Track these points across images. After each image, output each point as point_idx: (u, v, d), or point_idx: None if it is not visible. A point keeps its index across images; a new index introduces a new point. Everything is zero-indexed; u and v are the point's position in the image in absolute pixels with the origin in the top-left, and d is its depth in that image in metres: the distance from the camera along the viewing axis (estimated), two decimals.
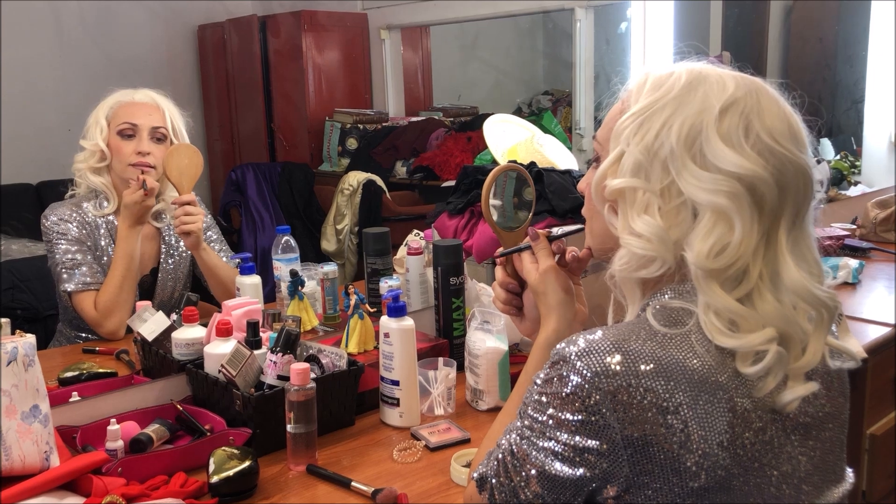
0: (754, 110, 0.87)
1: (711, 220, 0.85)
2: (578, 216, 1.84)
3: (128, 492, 1.16)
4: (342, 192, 4.03)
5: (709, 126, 0.86)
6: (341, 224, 4.07)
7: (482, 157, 3.55)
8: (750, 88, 0.89)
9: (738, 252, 0.84)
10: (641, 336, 0.85)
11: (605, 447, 0.82)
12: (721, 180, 0.85)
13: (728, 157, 0.85)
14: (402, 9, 4.46)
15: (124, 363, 1.72)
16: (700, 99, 0.88)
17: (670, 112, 0.89)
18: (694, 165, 0.86)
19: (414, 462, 1.31)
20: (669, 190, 0.88)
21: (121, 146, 1.89)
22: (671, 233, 0.87)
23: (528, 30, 5.74)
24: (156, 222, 2.00)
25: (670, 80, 0.91)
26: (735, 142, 0.86)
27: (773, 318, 0.85)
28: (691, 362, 0.83)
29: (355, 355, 1.56)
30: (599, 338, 0.85)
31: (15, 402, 1.19)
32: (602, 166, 0.95)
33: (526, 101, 5.36)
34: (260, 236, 4.27)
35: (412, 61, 4.78)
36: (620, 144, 0.92)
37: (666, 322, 0.86)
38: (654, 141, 0.88)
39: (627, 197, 0.91)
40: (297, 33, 4.44)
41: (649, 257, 0.89)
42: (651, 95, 0.91)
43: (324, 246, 4.12)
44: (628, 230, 0.90)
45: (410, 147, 4.21)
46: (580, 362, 0.83)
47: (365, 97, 4.72)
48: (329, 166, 4.50)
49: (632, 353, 0.83)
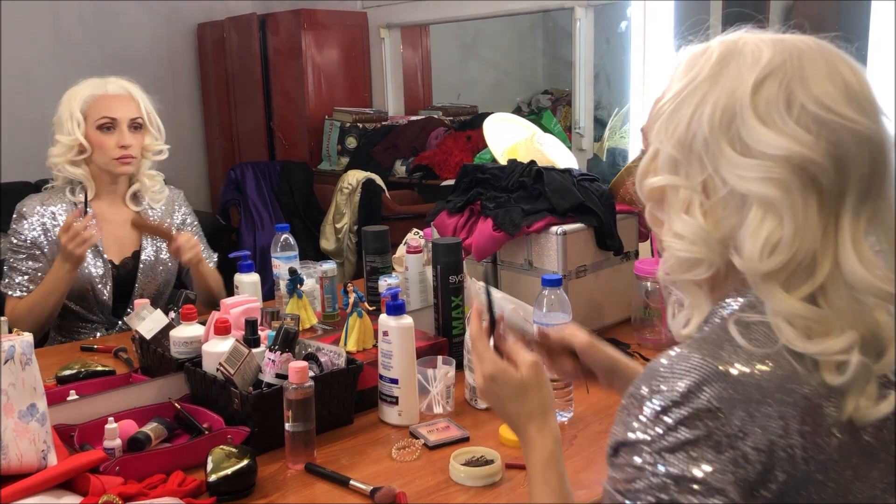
0: (796, 77, 0.76)
1: (759, 213, 0.75)
2: (578, 215, 1.85)
3: (125, 490, 1.15)
4: (341, 190, 4.03)
5: (744, 105, 0.76)
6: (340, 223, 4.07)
7: (482, 155, 3.55)
8: (791, 52, 0.77)
9: (793, 246, 0.74)
10: (741, 358, 0.75)
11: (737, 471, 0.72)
12: (763, 166, 0.75)
13: (767, 139, 0.75)
14: (401, 7, 4.46)
15: (122, 361, 1.71)
16: (733, 75, 0.78)
17: (701, 96, 0.79)
18: (733, 152, 0.77)
19: (413, 460, 1.31)
20: (710, 184, 0.79)
21: (102, 140, 1.92)
22: (715, 232, 0.79)
23: (527, 29, 5.74)
24: (133, 206, 2.03)
25: (703, 57, 0.81)
26: (775, 119, 0.75)
27: (849, 317, 0.75)
28: (793, 385, 0.74)
29: (354, 353, 1.55)
30: (708, 372, 0.74)
31: (12, 401, 1.19)
32: (641, 165, 0.87)
33: (526, 100, 5.37)
34: (259, 234, 4.26)
35: (412, 60, 4.77)
36: (653, 140, 0.84)
37: (757, 342, 0.76)
38: (687, 131, 0.80)
39: (668, 196, 0.83)
40: (297, 32, 4.44)
41: (694, 259, 0.81)
42: (683, 78, 0.82)
43: (323, 245, 4.11)
44: (671, 232, 0.83)
45: (410, 146, 4.21)
46: (704, 394, 0.72)
47: (364, 96, 4.72)
48: (328, 165, 4.49)
49: (737, 380, 0.73)
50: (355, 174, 4.03)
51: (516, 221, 1.81)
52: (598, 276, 1.88)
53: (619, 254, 1.91)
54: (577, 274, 1.83)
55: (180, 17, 4.89)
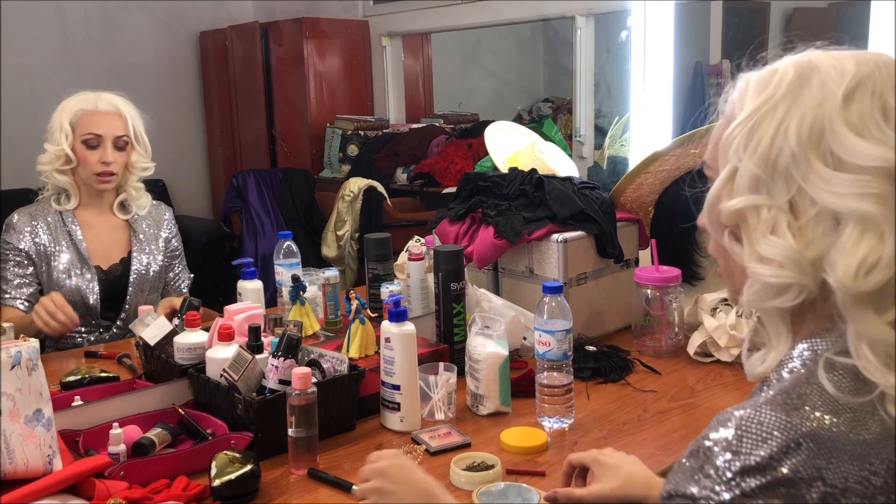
0: (888, 85, 0.73)
1: (856, 230, 0.71)
2: (579, 223, 1.87)
3: (130, 495, 1.16)
4: (343, 198, 4.04)
5: (834, 118, 0.73)
6: (342, 230, 4.08)
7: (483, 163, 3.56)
8: (877, 63, 0.75)
9: (892, 266, 0.70)
10: (828, 409, 0.70)
11: None
12: (860, 181, 0.71)
13: (865, 151, 0.71)
14: (403, 16, 4.48)
15: (126, 367, 1.72)
16: (817, 89, 0.75)
17: (784, 111, 0.75)
18: (824, 167, 0.72)
19: None
20: (798, 201, 0.74)
21: (86, 155, 1.97)
22: (808, 253, 0.73)
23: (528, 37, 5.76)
24: (122, 214, 2.08)
25: (776, 77, 0.78)
26: (872, 129, 0.72)
27: None
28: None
29: (356, 360, 1.56)
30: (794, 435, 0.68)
31: (18, 406, 1.20)
32: (714, 188, 0.82)
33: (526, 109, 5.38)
34: (261, 242, 4.28)
35: (413, 68, 4.79)
36: (731, 160, 0.79)
37: (848, 390, 0.71)
38: (771, 148, 0.75)
39: (749, 218, 0.77)
40: (299, 40, 4.46)
41: (784, 284, 0.75)
42: (757, 98, 0.78)
43: (324, 252, 4.13)
44: (755, 257, 0.77)
45: (411, 154, 4.22)
46: (786, 463, 0.67)
47: (366, 104, 4.74)
48: (330, 172, 4.51)
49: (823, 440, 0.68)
50: (357, 182, 4.04)
51: (517, 229, 1.82)
52: (598, 283, 1.89)
53: (619, 261, 1.92)
54: (578, 281, 1.84)
55: (183, 26, 4.92)
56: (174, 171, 4.69)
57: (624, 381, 1.65)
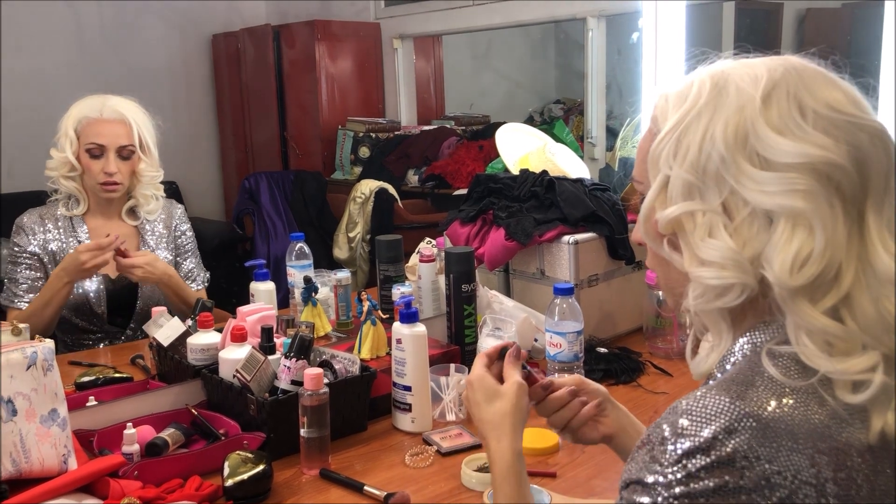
0: (801, 86, 0.76)
1: (788, 227, 0.74)
2: (590, 224, 1.87)
3: (144, 495, 1.18)
4: (354, 200, 4.05)
5: (755, 120, 0.75)
6: (353, 232, 4.09)
7: (494, 165, 3.57)
8: (786, 66, 0.78)
9: (824, 258, 0.73)
10: (774, 394, 0.72)
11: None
12: (786, 178, 0.73)
13: (788, 149, 0.74)
14: (414, 18, 4.49)
15: (139, 368, 1.74)
16: (735, 95, 0.77)
17: (708, 118, 0.78)
18: (752, 168, 0.75)
19: (426, 467, 1.32)
20: (731, 203, 0.76)
21: (90, 165, 1.95)
22: (745, 252, 0.75)
23: (539, 39, 5.76)
24: (131, 220, 2.05)
25: (694, 88, 0.80)
26: (792, 127, 0.74)
27: (873, 329, 0.73)
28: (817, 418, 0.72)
29: (368, 361, 1.57)
30: (738, 414, 0.71)
31: (34, 406, 1.21)
32: (647, 200, 0.83)
33: (538, 110, 5.38)
34: (273, 243, 4.29)
35: (424, 70, 4.80)
36: (662, 170, 0.81)
37: (790, 374, 0.74)
38: (700, 154, 0.77)
39: (686, 224, 0.79)
40: (311, 43, 4.48)
41: (727, 285, 0.77)
42: (679, 109, 0.80)
43: (336, 254, 4.14)
44: (696, 261, 0.78)
45: (422, 155, 4.23)
46: (730, 442, 0.69)
47: (377, 106, 4.75)
48: (341, 174, 4.52)
49: (770, 420, 0.71)
50: (368, 183, 4.05)
51: (528, 231, 1.82)
52: (609, 285, 1.89)
53: (630, 263, 1.92)
54: (589, 283, 1.84)
55: (196, 29, 4.95)
56: (187, 173, 4.71)
57: (635, 383, 1.65)
